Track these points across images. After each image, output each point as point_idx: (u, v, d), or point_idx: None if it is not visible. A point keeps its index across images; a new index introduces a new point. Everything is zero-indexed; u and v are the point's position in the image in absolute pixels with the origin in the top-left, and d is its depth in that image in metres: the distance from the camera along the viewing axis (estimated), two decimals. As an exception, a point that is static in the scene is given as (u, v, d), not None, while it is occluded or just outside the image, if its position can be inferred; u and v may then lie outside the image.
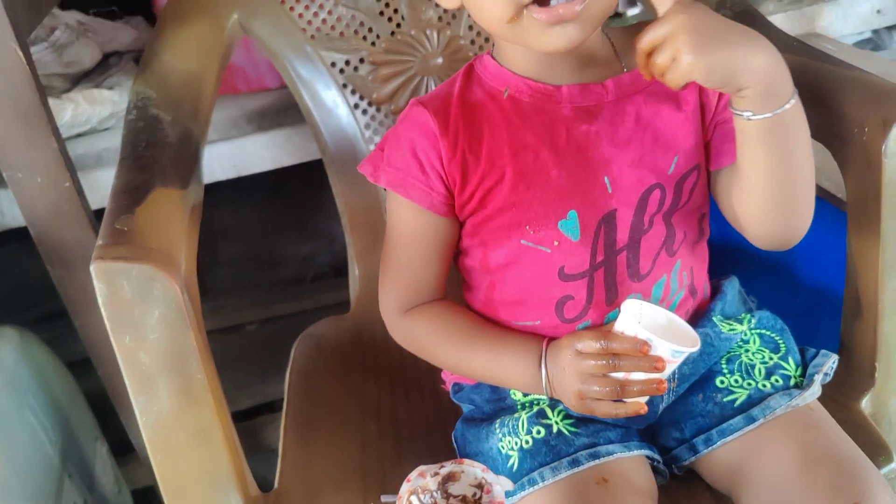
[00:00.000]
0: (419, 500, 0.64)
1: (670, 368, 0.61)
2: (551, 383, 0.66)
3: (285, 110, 1.14)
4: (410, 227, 0.70)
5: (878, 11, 1.35)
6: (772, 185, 0.61)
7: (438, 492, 0.66)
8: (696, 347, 0.61)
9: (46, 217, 0.86)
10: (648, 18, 0.58)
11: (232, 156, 1.15)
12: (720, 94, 0.66)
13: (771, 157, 0.59)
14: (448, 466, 0.64)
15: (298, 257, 1.69)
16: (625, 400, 0.62)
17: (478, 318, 0.73)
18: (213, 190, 1.17)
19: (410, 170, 0.67)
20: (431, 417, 0.85)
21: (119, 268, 0.59)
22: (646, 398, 0.63)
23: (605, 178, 0.65)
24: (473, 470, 0.64)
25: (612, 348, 0.61)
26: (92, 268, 0.59)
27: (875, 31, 1.47)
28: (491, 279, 0.71)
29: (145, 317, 0.60)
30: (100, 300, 0.60)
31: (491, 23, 0.61)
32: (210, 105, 0.90)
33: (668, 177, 0.66)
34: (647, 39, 0.55)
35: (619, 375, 0.61)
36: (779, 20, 1.28)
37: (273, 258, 1.67)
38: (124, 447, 1.09)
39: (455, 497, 0.65)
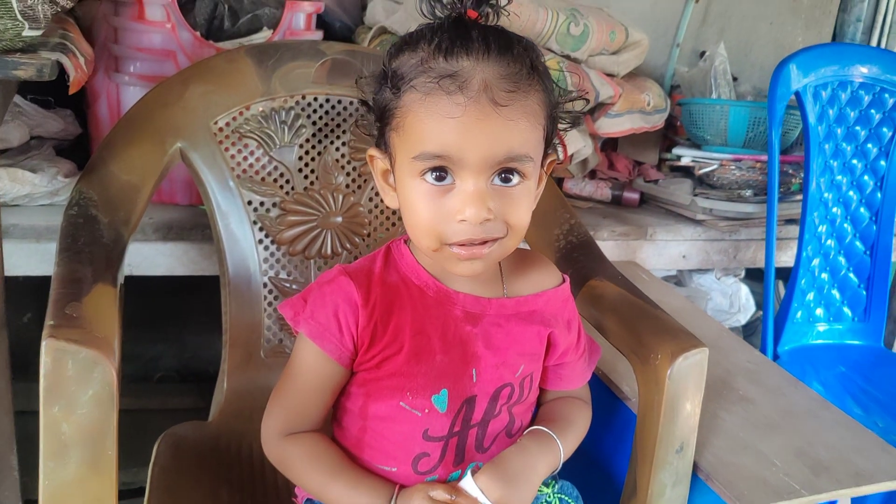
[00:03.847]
0: None
1: None
2: None
3: (191, 228, 1.27)
4: (313, 369, 0.83)
5: (684, 256, 1.69)
6: None
7: None
8: None
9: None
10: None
11: (128, 257, 1.24)
12: (561, 345, 0.89)
13: None
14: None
15: (145, 357, 1.74)
16: None
17: (344, 455, 0.86)
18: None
19: (329, 327, 0.81)
20: (276, 527, 0.95)
21: (69, 348, 0.69)
22: None
23: (473, 371, 0.84)
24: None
25: (458, 501, 0.78)
26: (43, 344, 0.69)
27: (679, 271, 1.82)
28: (363, 424, 0.85)
29: (79, 393, 0.70)
30: (42, 372, 0.69)
31: (420, 245, 0.79)
32: (141, 215, 1.02)
33: (516, 378, 0.86)
34: None
35: None
36: (609, 245, 1.59)
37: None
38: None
39: None
